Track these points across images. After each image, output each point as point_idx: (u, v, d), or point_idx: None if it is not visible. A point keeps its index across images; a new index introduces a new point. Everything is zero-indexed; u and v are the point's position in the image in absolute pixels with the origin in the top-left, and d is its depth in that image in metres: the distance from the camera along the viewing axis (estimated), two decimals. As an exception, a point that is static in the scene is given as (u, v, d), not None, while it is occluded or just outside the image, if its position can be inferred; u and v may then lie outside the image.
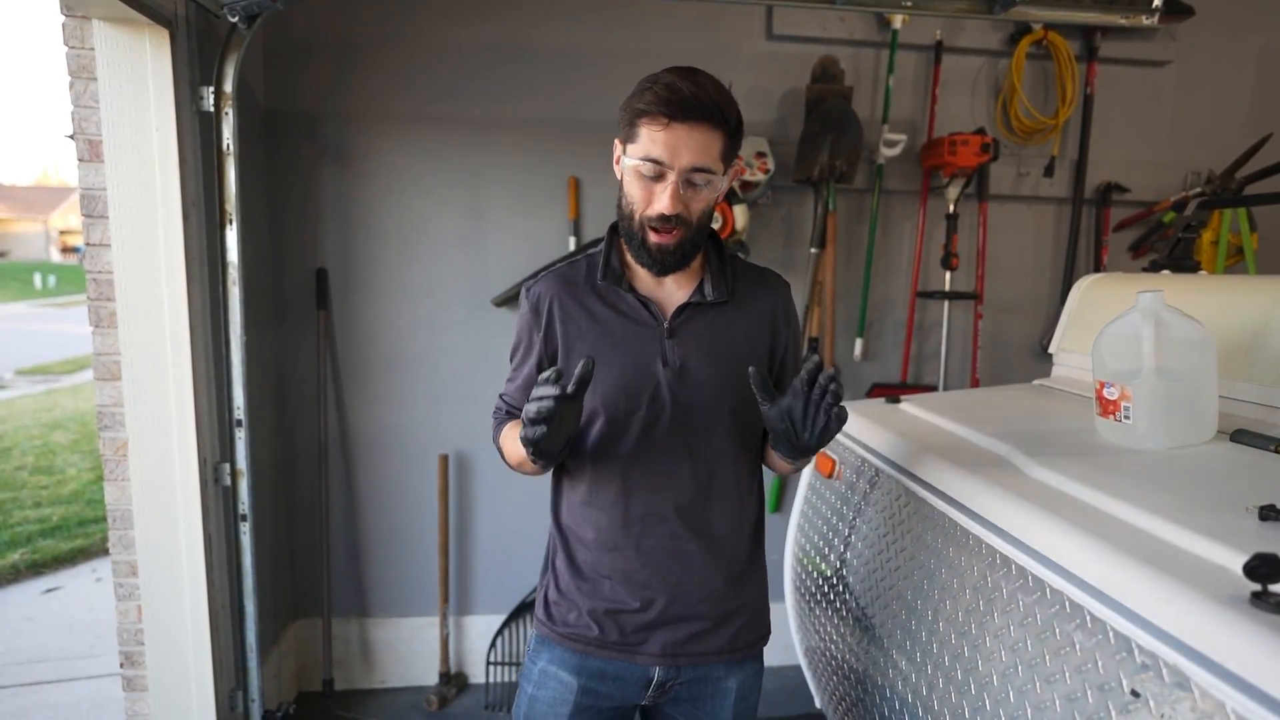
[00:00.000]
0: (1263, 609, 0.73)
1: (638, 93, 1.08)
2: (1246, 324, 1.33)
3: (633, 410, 1.16)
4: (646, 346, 1.17)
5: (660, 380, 1.16)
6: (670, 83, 1.04)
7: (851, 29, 2.62)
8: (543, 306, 1.20)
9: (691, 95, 1.04)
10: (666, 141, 1.05)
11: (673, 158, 1.06)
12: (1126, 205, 2.83)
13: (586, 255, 1.24)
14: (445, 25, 2.47)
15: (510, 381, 1.29)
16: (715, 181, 1.10)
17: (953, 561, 1.15)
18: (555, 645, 1.23)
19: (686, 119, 1.04)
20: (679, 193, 1.08)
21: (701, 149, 1.06)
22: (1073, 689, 0.87)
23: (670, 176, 1.07)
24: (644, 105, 1.05)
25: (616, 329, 1.17)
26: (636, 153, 1.08)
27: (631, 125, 1.08)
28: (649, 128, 1.06)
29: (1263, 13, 2.79)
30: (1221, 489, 1.04)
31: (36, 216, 38.82)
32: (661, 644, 1.19)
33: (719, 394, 1.17)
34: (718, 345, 1.18)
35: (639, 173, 1.08)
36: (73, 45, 1.76)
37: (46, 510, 4.51)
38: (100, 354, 1.88)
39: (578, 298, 1.19)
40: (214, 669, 1.95)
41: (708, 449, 1.18)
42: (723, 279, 1.20)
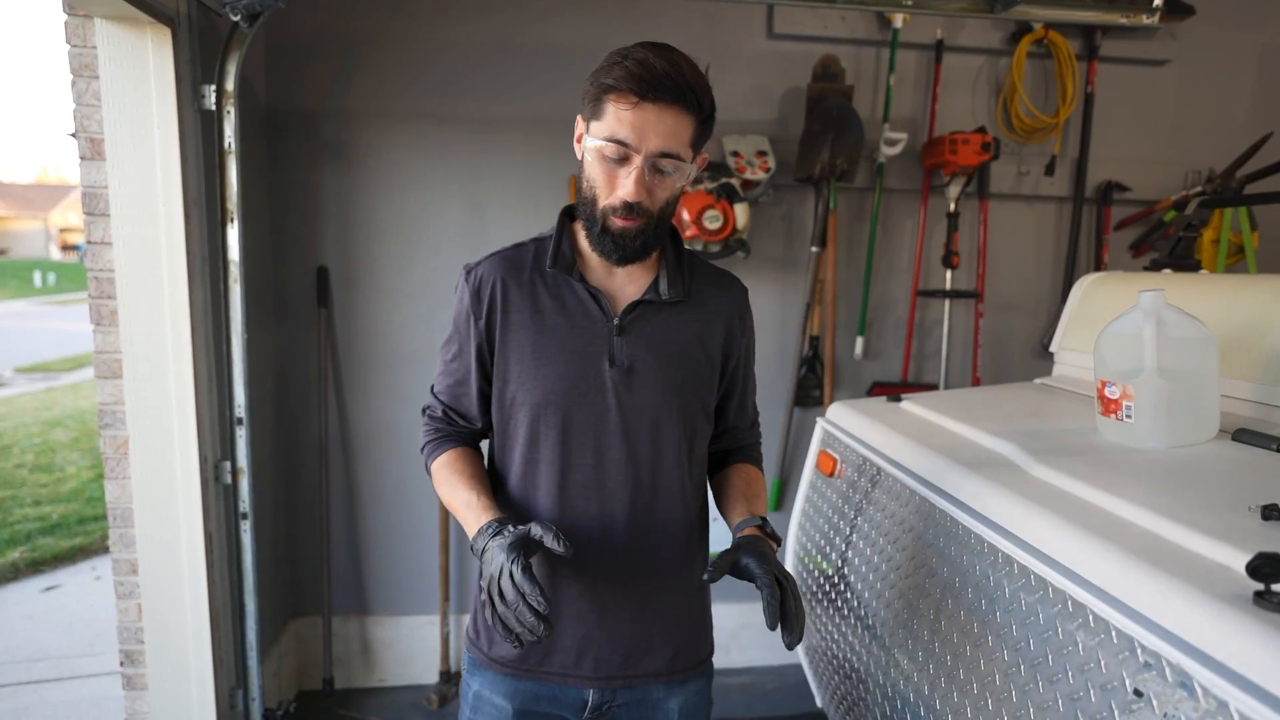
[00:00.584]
0: (1265, 608, 0.73)
1: (606, 66, 0.99)
2: (1248, 323, 1.34)
3: (575, 411, 1.07)
4: (593, 343, 1.08)
5: (606, 380, 1.07)
6: (643, 58, 0.96)
7: (852, 28, 2.61)
8: (485, 291, 1.10)
9: (665, 74, 0.95)
10: (634, 122, 0.97)
11: (640, 140, 0.97)
12: (1127, 204, 2.83)
13: (535, 240, 1.15)
14: (446, 23, 2.47)
15: (442, 375, 1.17)
16: (683, 169, 1.02)
17: (954, 560, 1.15)
18: (485, 669, 1.15)
19: (658, 99, 0.96)
20: (644, 179, 1.00)
21: (671, 133, 0.98)
22: (1075, 688, 0.88)
23: (636, 160, 0.99)
24: (612, 80, 0.97)
25: (562, 322, 1.08)
26: (601, 132, 0.99)
27: (597, 101, 1.00)
28: (616, 105, 0.97)
29: (1263, 11, 2.79)
30: (1223, 488, 1.04)
31: (36, 214, 38.79)
32: (595, 665, 1.11)
33: (667, 398, 1.09)
34: (669, 347, 1.10)
35: (602, 154, 1.00)
36: (75, 43, 1.76)
37: (46, 508, 4.50)
38: (101, 352, 1.88)
39: (523, 284, 1.10)
40: (214, 667, 1.95)
41: (652, 456, 1.09)
42: (679, 277, 1.12)
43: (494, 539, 0.97)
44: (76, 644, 2.96)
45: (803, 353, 2.72)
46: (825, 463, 1.67)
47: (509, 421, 1.12)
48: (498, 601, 0.92)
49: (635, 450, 1.09)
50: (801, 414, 2.77)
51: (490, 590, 0.93)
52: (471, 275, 1.12)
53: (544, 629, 0.91)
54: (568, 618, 1.11)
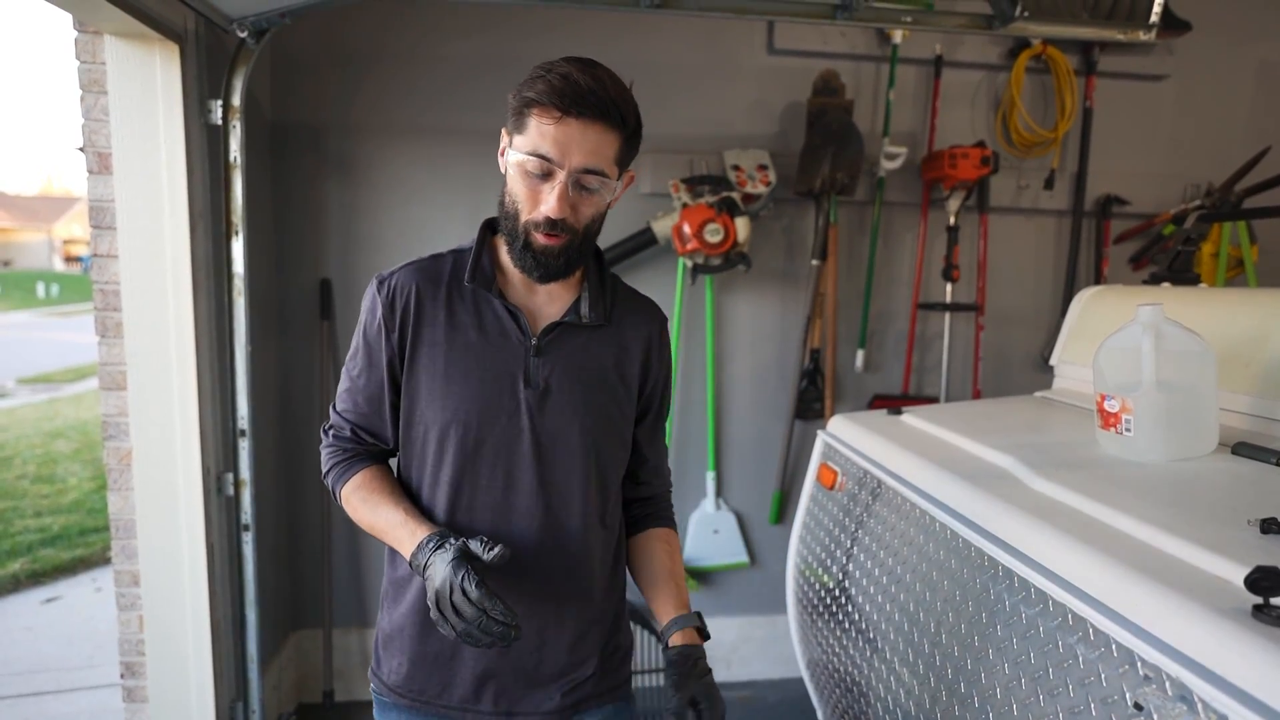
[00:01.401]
0: (1264, 622, 0.73)
1: (529, 80, 0.97)
2: (1246, 336, 1.34)
3: (486, 432, 1.03)
4: (509, 363, 1.04)
5: (521, 401, 1.03)
6: (566, 73, 0.94)
7: (852, 43, 2.64)
8: (399, 302, 1.05)
9: (589, 89, 0.94)
10: (557, 137, 0.95)
11: (563, 156, 0.95)
12: (1126, 218, 2.84)
13: (454, 252, 1.11)
14: (448, 38, 2.50)
15: (349, 392, 1.11)
16: (608, 186, 1.00)
17: (955, 574, 1.15)
18: (390, 708, 1.12)
19: (581, 115, 0.94)
20: (567, 194, 0.97)
21: (594, 150, 0.96)
22: (1076, 702, 0.87)
23: (559, 176, 0.96)
24: (535, 94, 0.95)
25: (477, 340, 1.04)
26: (523, 146, 0.97)
27: (520, 115, 0.97)
28: (539, 120, 0.95)
29: (1259, 27, 2.81)
30: (1223, 502, 1.04)
31: (40, 226, 38.95)
32: (495, 698, 1.07)
33: (583, 422, 1.06)
34: (587, 371, 1.07)
35: (525, 169, 0.97)
36: (84, 59, 1.78)
37: (47, 519, 4.50)
38: (106, 364, 1.89)
39: (438, 298, 1.06)
40: (215, 679, 1.95)
41: (564, 482, 1.06)
42: (601, 299, 1.09)
43: (436, 553, 0.93)
44: (77, 656, 2.95)
45: (803, 365, 2.73)
46: (826, 475, 1.67)
47: (416, 441, 1.07)
48: (454, 620, 0.89)
49: (546, 474, 1.05)
50: (802, 426, 2.77)
51: (442, 608, 0.90)
52: (384, 286, 1.07)
53: (515, 634, 0.90)
54: (466, 650, 1.06)
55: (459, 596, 0.89)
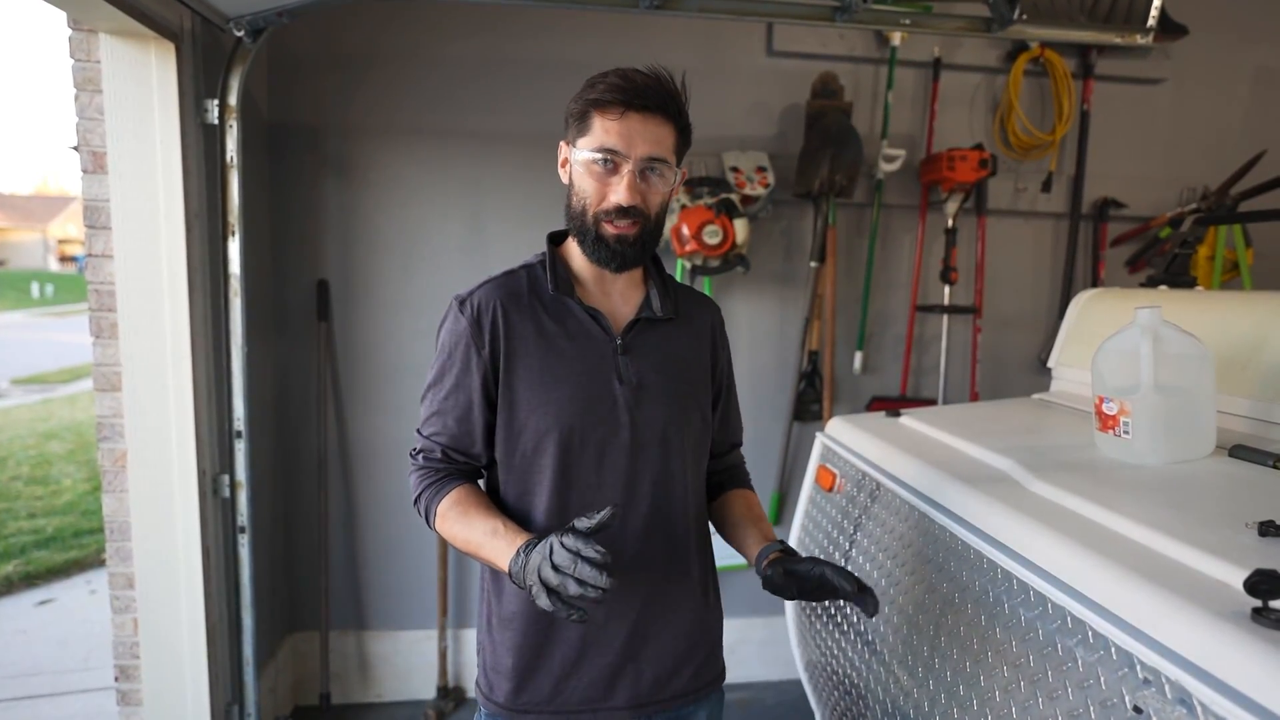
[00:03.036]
0: (1264, 625, 0.73)
1: (587, 86, 1.05)
2: (1243, 339, 1.34)
3: (589, 432, 1.06)
4: (601, 363, 1.08)
5: (618, 398, 1.07)
6: (625, 72, 1.03)
7: (851, 46, 2.64)
8: (485, 319, 1.07)
9: (647, 84, 1.02)
10: (622, 131, 1.02)
11: (629, 147, 1.02)
12: (1123, 220, 2.85)
13: (525, 267, 1.14)
14: (446, 39, 2.49)
15: (437, 415, 1.10)
16: (670, 174, 1.06)
17: (954, 575, 1.15)
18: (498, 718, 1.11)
19: (643, 108, 1.02)
20: (636, 182, 1.03)
21: (657, 140, 1.03)
22: (1075, 705, 0.87)
23: (626, 167, 1.02)
24: (598, 95, 1.02)
25: (567, 345, 1.08)
26: (589, 144, 1.03)
27: (583, 119, 1.04)
28: (603, 118, 1.02)
29: (1255, 31, 2.82)
30: (1221, 504, 1.04)
31: (35, 225, 38.83)
32: (629, 694, 1.10)
33: (676, 412, 1.10)
34: (670, 362, 1.12)
35: (591, 166, 1.03)
36: (79, 58, 1.78)
37: (41, 521, 4.48)
38: (101, 364, 1.88)
39: (523, 310, 1.09)
40: (210, 683, 1.94)
41: (663, 471, 1.10)
42: (667, 295, 1.15)
43: (538, 552, 0.91)
44: (71, 659, 2.93)
45: (802, 367, 2.73)
46: (824, 477, 1.67)
47: (517, 450, 1.09)
48: (551, 576, 0.87)
49: (647, 466, 1.09)
50: (800, 428, 2.77)
51: (542, 575, 0.88)
52: (467, 305, 1.09)
53: (606, 579, 0.86)
54: (593, 647, 1.09)
55: (557, 553, 0.88)
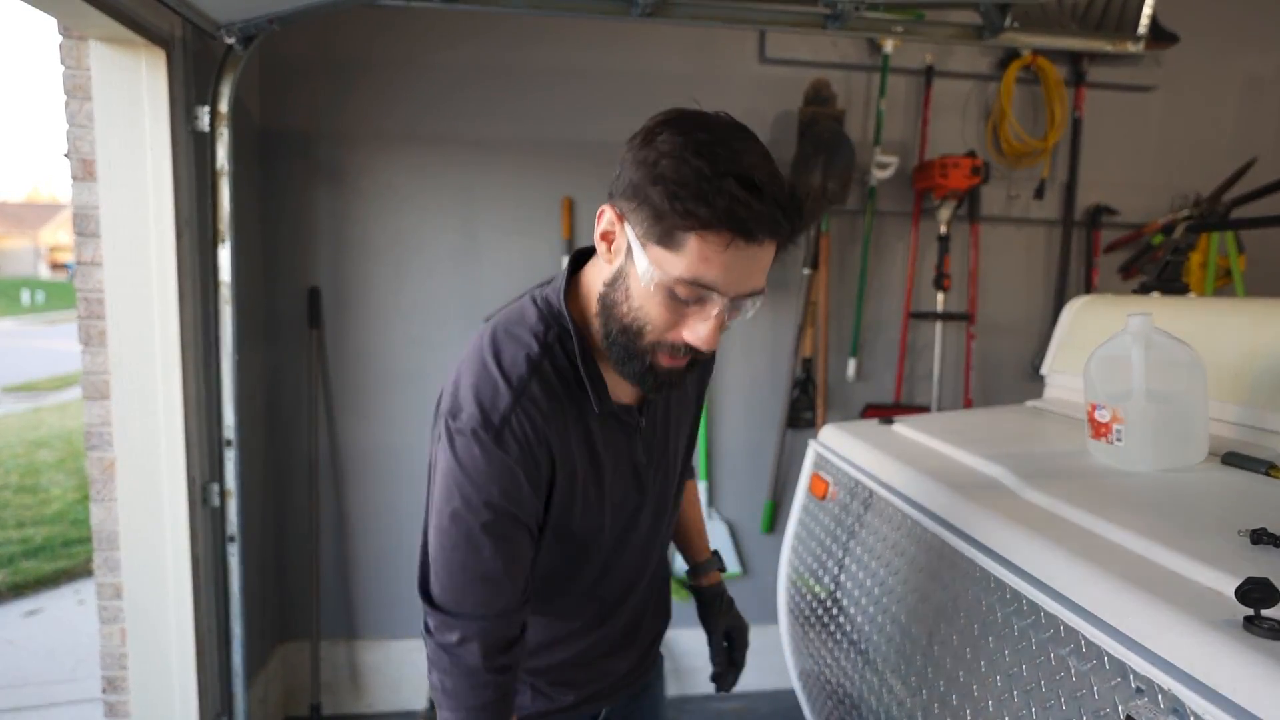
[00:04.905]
0: (1256, 634, 0.73)
1: (692, 186, 0.75)
2: (1235, 346, 1.34)
3: (621, 521, 1.01)
4: (627, 450, 0.99)
5: (642, 479, 1.02)
6: (746, 177, 0.76)
7: (843, 53, 2.65)
8: (540, 451, 0.87)
9: (774, 203, 0.77)
10: (727, 264, 0.78)
11: (728, 284, 0.79)
12: (1116, 227, 2.86)
13: (544, 352, 0.90)
14: (438, 46, 2.49)
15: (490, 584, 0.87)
16: (760, 301, 0.84)
17: (947, 584, 1.14)
18: None
19: (757, 240, 0.78)
20: (723, 323, 0.82)
21: (762, 267, 0.81)
22: (1068, 714, 0.87)
23: (717, 304, 0.80)
24: (709, 214, 0.75)
25: (604, 451, 0.95)
26: (675, 268, 0.78)
27: (673, 231, 0.77)
28: (705, 244, 0.77)
29: (1246, 39, 2.84)
30: (1213, 512, 1.04)
31: (26, 232, 38.71)
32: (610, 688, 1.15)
33: (681, 462, 1.12)
34: (676, 421, 1.08)
35: (671, 293, 0.80)
36: (69, 65, 1.77)
37: (29, 530, 4.44)
38: (89, 372, 1.87)
39: (569, 428, 0.90)
40: (199, 694, 1.92)
41: (668, 520, 1.12)
42: None
43: None
44: (58, 670, 2.90)
45: (795, 374, 2.73)
46: (817, 485, 1.66)
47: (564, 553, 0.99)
48: None
49: (659, 520, 1.10)
50: (793, 436, 2.77)
51: None
52: (511, 438, 0.85)
53: None
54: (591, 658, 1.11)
55: None
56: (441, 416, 0.89)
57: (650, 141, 0.79)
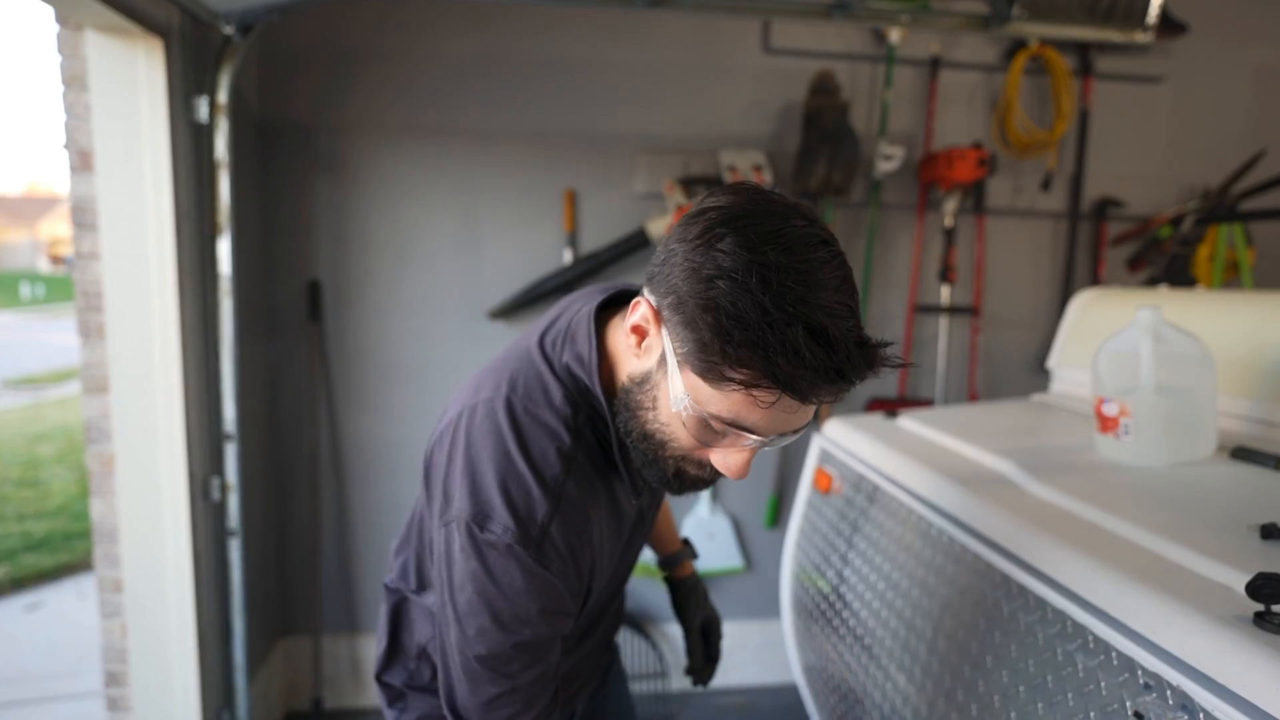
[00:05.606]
0: (1266, 629, 0.72)
1: (751, 337, 0.63)
2: (1245, 339, 1.33)
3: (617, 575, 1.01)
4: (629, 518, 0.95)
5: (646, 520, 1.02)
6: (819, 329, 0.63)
7: (849, 43, 2.63)
8: (584, 559, 0.81)
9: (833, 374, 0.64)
10: (773, 415, 0.68)
11: (770, 430, 0.70)
12: (1123, 220, 2.84)
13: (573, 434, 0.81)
14: (440, 36, 2.47)
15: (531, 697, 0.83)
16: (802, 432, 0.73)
17: (952, 579, 1.13)
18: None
19: (813, 400, 0.67)
20: (754, 457, 0.75)
21: (810, 412, 0.71)
22: (1075, 711, 0.86)
23: (751, 442, 0.72)
24: (760, 369, 0.64)
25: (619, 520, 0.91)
26: (716, 406, 0.69)
27: (719, 369, 0.66)
28: (748, 393, 0.66)
29: (1257, 29, 2.81)
30: (1222, 507, 1.03)
31: (25, 226, 38.77)
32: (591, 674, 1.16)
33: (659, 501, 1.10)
34: None
35: (705, 425, 0.71)
36: (66, 54, 1.76)
37: (30, 524, 4.45)
38: (89, 366, 1.86)
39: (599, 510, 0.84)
40: (200, 688, 1.92)
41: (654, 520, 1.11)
42: None
43: None
44: (59, 664, 2.91)
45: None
46: (822, 480, 1.65)
47: None
48: None
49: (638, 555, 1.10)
50: (797, 429, 2.75)
51: None
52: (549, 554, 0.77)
53: None
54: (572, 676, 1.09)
55: None
56: (460, 520, 0.78)
57: (710, 245, 0.66)
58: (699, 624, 1.24)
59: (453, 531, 0.79)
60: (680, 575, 1.26)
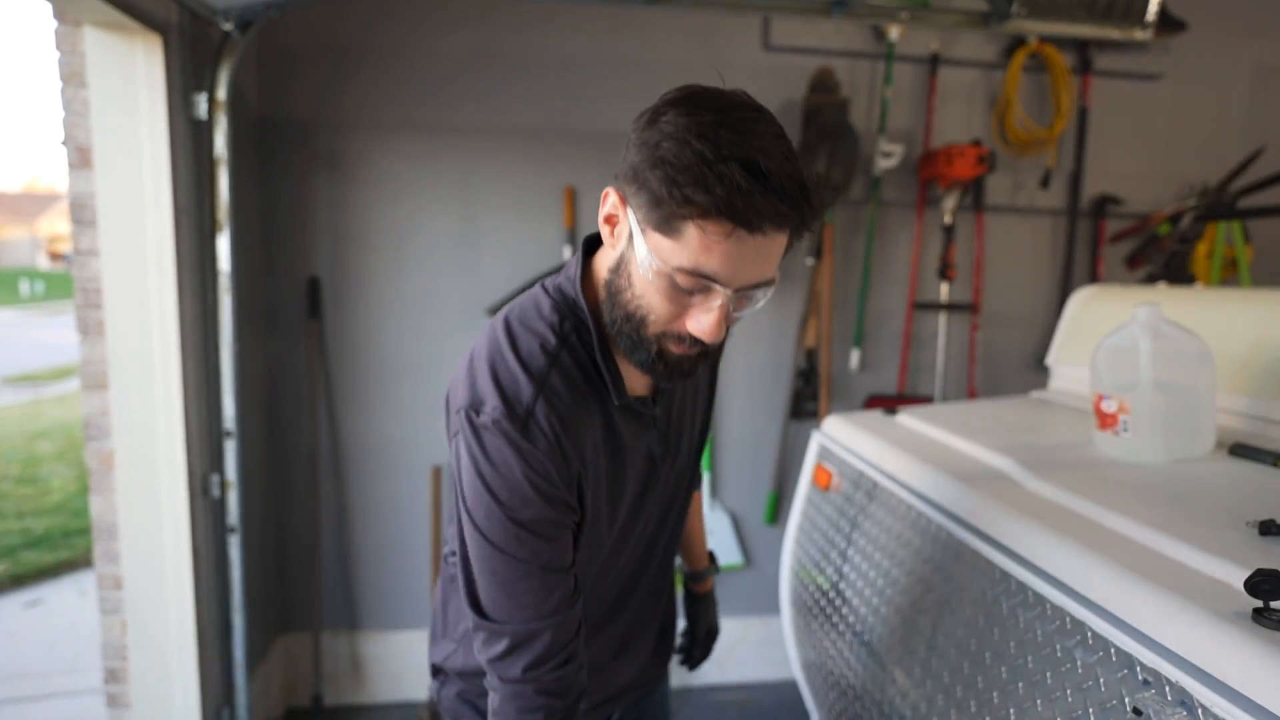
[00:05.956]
0: (1265, 625, 0.72)
1: (692, 170, 0.70)
2: (1243, 336, 1.33)
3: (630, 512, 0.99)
4: (644, 444, 0.96)
5: (654, 470, 1.00)
6: (750, 162, 0.70)
7: (848, 40, 2.63)
8: (569, 447, 0.83)
9: (779, 193, 0.71)
10: (728, 254, 0.73)
11: (732, 275, 0.74)
12: (1122, 217, 2.84)
13: (560, 343, 0.86)
14: (439, 32, 2.47)
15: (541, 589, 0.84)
16: (769, 290, 0.79)
17: (952, 575, 1.14)
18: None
19: (761, 229, 0.72)
20: (727, 314, 0.78)
21: (770, 258, 0.75)
22: (1074, 707, 0.86)
23: (720, 295, 0.76)
24: (708, 201, 0.70)
25: (630, 442, 0.93)
26: (676, 257, 0.74)
27: (672, 217, 0.72)
28: (704, 233, 0.72)
29: (1255, 27, 2.81)
30: (1221, 503, 1.03)
31: (24, 222, 38.69)
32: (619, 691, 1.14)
33: (694, 457, 1.09)
34: (690, 412, 1.07)
35: (671, 282, 0.76)
36: (64, 51, 1.75)
37: (30, 521, 4.45)
38: (88, 363, 1.86)
39: (587, 415, 0.87)
40: (200, 685, 1.92)
41: (678, 514, 1.10)
42: None
43: None
44: (59, 661, 2.91)
45: (798, 365, 2.72)
46: (821, 476, 1.66)
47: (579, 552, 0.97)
48: None
49: (668, 514, 1.09)
50: (797, 426, 2.76)
51: None
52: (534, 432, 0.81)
53: None
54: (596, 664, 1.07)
55: None
56: (460, 411, 0.84)
57: (655, 122, 0.74)
58: (704, 631, 1.34)
59: (458, 433, 0.85)
60: (702, 590, 1.34)
